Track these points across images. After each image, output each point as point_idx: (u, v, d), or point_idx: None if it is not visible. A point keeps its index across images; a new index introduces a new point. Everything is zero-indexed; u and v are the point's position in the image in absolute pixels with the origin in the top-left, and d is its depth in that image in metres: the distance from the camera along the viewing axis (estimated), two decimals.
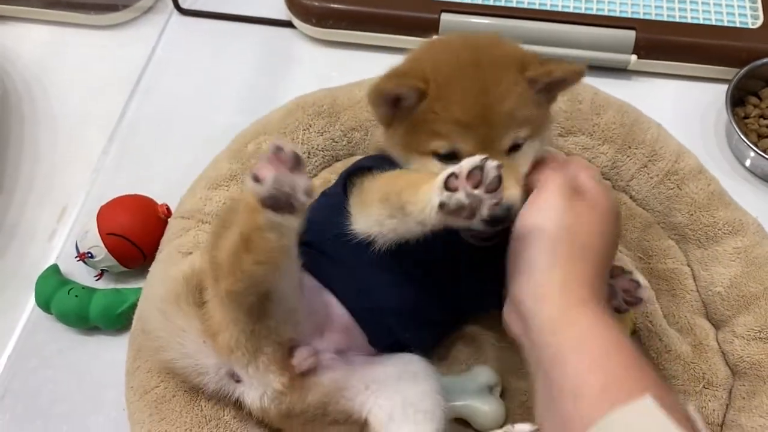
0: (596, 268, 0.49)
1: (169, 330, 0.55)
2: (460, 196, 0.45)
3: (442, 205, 0.45)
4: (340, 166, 0.73)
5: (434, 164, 0.52)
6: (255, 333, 0.52)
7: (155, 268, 0.66)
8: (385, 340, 0.57)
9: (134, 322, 0.64)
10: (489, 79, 0.51)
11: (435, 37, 0.55)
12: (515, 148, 0.52)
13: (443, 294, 0.57)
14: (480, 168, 0.44)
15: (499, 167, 0.44)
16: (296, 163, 0.43)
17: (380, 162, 0.56)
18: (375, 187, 0.53)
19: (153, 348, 0.57)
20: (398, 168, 0.55)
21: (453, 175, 0.45)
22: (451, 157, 0.51)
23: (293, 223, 0.45)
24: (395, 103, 0.53)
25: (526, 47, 0.56)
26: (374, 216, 0.51)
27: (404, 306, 0.56)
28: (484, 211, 0.45)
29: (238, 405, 0.56)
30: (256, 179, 0.43)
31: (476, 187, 0.44)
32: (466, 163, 0.45)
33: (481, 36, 0.56)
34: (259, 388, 0.54)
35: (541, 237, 0.49)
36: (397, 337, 0.57)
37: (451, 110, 0.50)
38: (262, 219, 0.44)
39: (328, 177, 0.72)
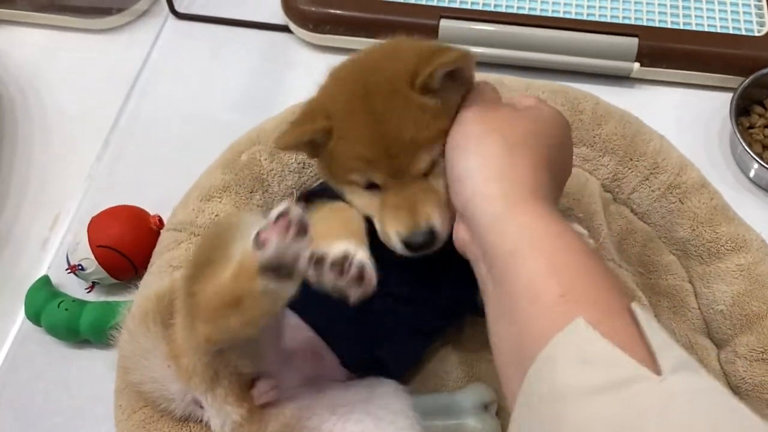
0: (536, 168, 0.47)
1: (135, 351, 0.55)
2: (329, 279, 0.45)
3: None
4: None
5: (360, 192, 0.52)
6: (213, 363, 0.51)
7: (146, 281, 0.65)
8: (358, 359, 0.55)
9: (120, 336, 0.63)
10: (380, 109, 0.49)
11: (342, 60, 0.54)
12: (433, 165, 0.51)
13: (417, 301, 0.56)
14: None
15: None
16: (302, 229, 0.42)
17: (328, 191, 0.56)
18: (314, 221, 0.50)
19: (122, 368, 0.57)
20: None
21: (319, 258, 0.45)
22: (372, 185, 0.52)
23: (290, 291, 0.44)
24: (310, 144, 0.52)
25: (505, 53, 0.58)
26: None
27: (375, 317, 0.54)
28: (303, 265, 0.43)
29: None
30: (260, 244, 0.41)
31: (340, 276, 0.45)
32: (331, 251, 0.45)
33: (374, 53, 0.54)
34: (218, 418, 0.53)
35: (468, 141, 0.48)
36: (371, 354, 0.55)
37: (354, 147, 0.50)
38: (259, 286, 0.43)
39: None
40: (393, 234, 0.50)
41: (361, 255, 0.46)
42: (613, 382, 0.35)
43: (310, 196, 0.56)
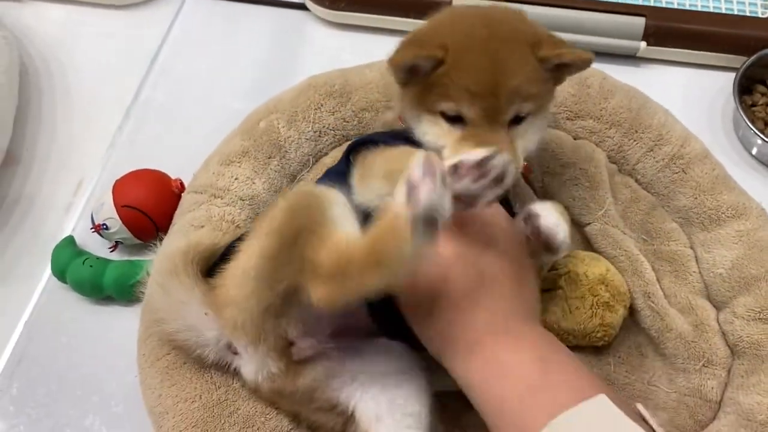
0: (504, 299, 0.50)
1: (169, 303, 0.57)
2: (465, 184, 0.46)
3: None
4: None
5: (441, 123, 0.55)
6: (262, 323, 0.53)
7: (167, 241, 0.68)
8: (383, 312, 0.56)
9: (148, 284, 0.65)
10: (501, 53, 0.53)
11: (455, 4, 0.57)
12: (517, 120, 0.54)
13: None
14: (485, 161, 0.46)
15: (508, 161, 0.46)
16: (444, 177, 0.43)
17: (385, 137, 0.58)
18: (379, 162, 0.55)
19: (155, 320, 0.59)
20: (401, 145, 0.57)
21: (456, 165, 0.46)
22: (457, 119, 0.54)
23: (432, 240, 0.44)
24: (414, 69, 0.55)
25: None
26: (375, 191, 0.53)
27: None
28: (489, 196, 0.46)
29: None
30: (412, 195, 0.42)
31: (480, 178, 0.46)
32: (471, 156, 0.46)
33: (499, 10, 0.59)
34: (254, 366, 0.55)
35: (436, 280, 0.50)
36: (394, 307, 0.57)
37: (463, 79, 0.53)
38: (411, 239, 0.43)
39: (338, 156, 0.73)
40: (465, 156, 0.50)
41: (501, 156, 0.46)
42: None
43: (364, 144, 0.58)
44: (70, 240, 0.72)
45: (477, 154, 0.46)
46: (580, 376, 0.46)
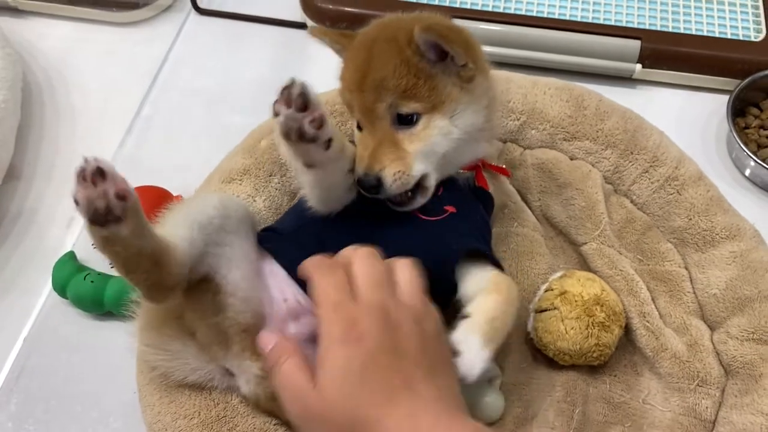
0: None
1: (167, 358, 0.57)
2: (281, 119, 0.49)
3: (281, 132, 0.49)
4: None
5: (355, 130, 0.60)
6: (219, 325, 0.54)
7: None
8: None
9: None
10: (375, 51, 0.56)
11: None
12: (405, 121, 0.56)
13: None
14: (287, 88, 0.48)
15: (302, 86, 0.48)
16: (97, 176, 0.45)
17: None
18: None
19: (160, 375, 0.59)
20: None
21: (275, 101, 0.49)
22: (359, 127, 0.59)
23: (125, 231, 0.46)
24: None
25: (513, 53, 0.72)
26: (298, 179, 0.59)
27: None
28: (308, 129, 0.48)
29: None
30: (75, 202, 0.46)
31: (288, 106, 0.48)
32: (279, 87, 0.49)
33: (415, 15, 0.60)
34: (243, 375, 0.56)
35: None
36: None
37: (346, 74, 0.58)
38: (95, 235, 0.47)
39: None
40: (356, 168, 0.57)
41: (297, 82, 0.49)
42: None
43: None
44: (71, 255, 0.73)
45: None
46: None
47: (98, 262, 0.74)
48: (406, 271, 0.52)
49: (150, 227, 0.49)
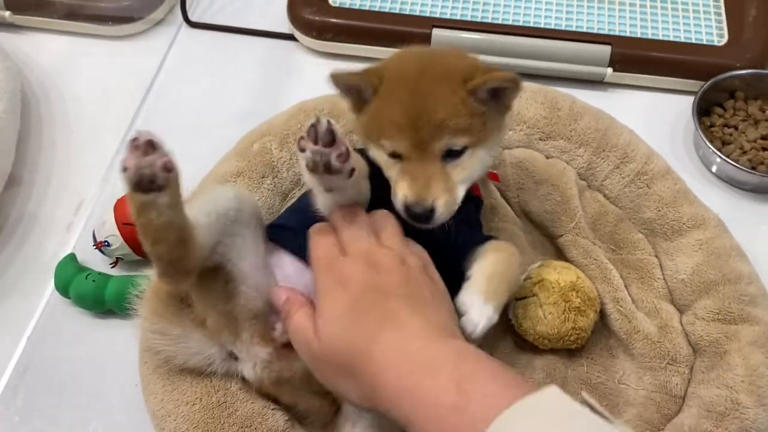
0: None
1: (169, 343, 0.60)
2: (308, 154, 0.51)
3: (307, 166, 0.51)
4: None
5: (385, 156, 0.60)
6: (230, 312, 0.58)
7: None
8: None
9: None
10: (427, 88, 0.57)
11: (406, 47, 0.65)
12: (453, 155, 0.58)
13: None
14: (314, 126, 0.50)
15: (329, 123, 0.50)
16: (149, 147, 0.48)
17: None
18: None
19: (163, 360, 0.62)
20: None
21: (301, 138, 0.51)
22: (396, 156, 0.59)
23: (164, 199, 0.49)
24: (357, 93, 0.60)
25: (491, 59, 0.67)
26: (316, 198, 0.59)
27: None
28: (335, 163, 0.50)
29: (243, 378, 0.62)
30: (124, 169, 0.48)
31: (315, 143, 0.50)
32: (306, 125, 0.51)
33: (440, 49, 0.64)
34: (250, 360, 0.59)
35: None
36: None
37: (391, 112, 0.57)
38: (135, 202, 0.49)
39: None
40: (401, 196, 0.57)
41: (324, 119, 0.50)
42: None
43: None
44: (72, 257, 0.76)
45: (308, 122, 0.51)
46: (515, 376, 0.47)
47: (98, 262, 0.77)
48: (384, 220, 0.57)
49: (183, 205, 0.53)
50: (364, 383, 0.50)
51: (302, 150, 0.51)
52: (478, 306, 0.55)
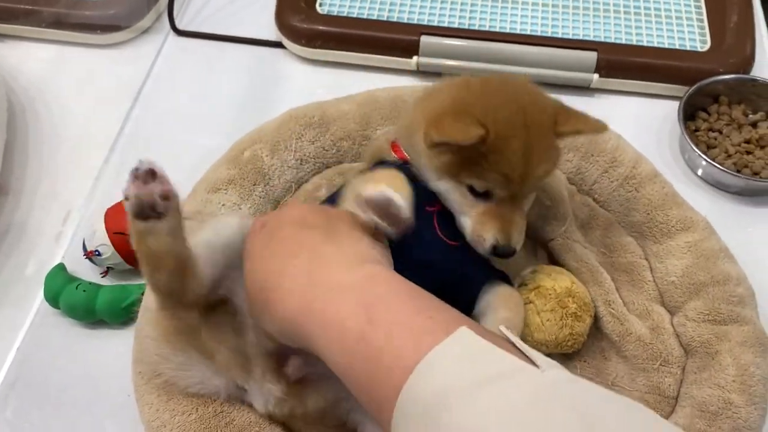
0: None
1: (173, 368, 0.60)
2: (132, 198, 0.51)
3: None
4: (331, 173, 0.79)
5: (466, 194, 0.61)
6: (241, 348, 0.57)
7: None
8: None
9: (139, 315, 0.68)
10: (534, 142, 0.59)
11: (469, 77, 0.65)
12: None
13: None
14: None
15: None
16: (149, 176, 0.50)
17: None
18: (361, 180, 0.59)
19: (165, 382, 0.61)
20: None
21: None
22: (484, 194, 0.60)
23: (163, 226, 0.51)
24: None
25: (479, 66, 0.74)
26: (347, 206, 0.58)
27: None
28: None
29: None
30: (126, 198, 0.50)
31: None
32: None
33: (521, 85, 0.63)
34: (261, 397, 0.58)
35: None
36: None
37: (500, 164, 0.58)
38: (136, 229, 0.51)
39: (319, 182, 0.79)
40: (489, 237, 0.60)
41: (397, 196, 0.52)
42: (499, 375, 0.37)
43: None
44: (61, 267, 0.75)
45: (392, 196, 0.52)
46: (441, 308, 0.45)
47: (87, 272, 0.76)
48: None
49: (184, 234, 0.53)
50: (277, 313, 0.49)
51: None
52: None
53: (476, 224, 0.61)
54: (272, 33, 0.98)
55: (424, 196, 0.61)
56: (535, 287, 0.68)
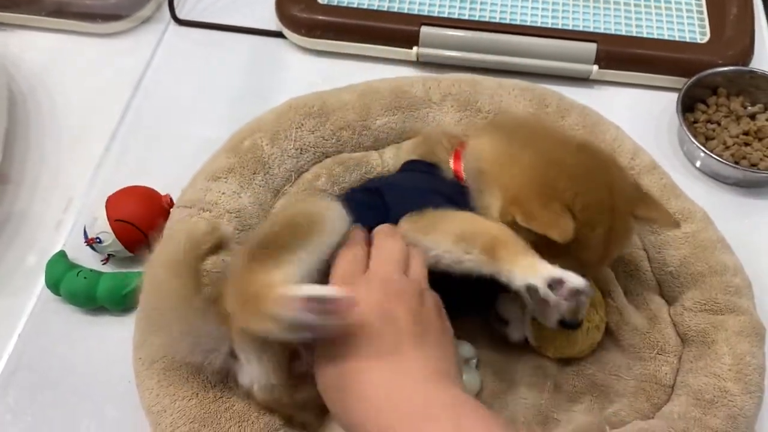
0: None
1: (185, 330, 0.58)
2: (553, 300, 0.51)
3: (532, 290, 0.51)
4: (330, 162, 0.79)
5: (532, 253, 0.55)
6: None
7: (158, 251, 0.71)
8: None
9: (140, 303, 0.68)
10: (616, 227, 0.58)
11: (548, 138, 0.63)
12: None
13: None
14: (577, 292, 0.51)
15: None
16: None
17: (433, 197, 0.61)
18: (451, 220, 0.58)
19: (170, 346, 0.61)
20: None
21: (557, 281, 0.51)
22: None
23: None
24: None
25: (479, 57, 0.74)
26: (442, 246, 0.56)
27: None
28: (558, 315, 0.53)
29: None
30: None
31: (566, 300, 0.51)
32: (571, 284, 0.51)
33: (608, 162, 0.62)
34: (254, 374, 0.58)
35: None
36: None
37: (580, 251, 0.56)
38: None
39: (319, 172, 0.78)
40: (558, 314, 0.56)
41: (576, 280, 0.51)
42: None
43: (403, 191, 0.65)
44: (62, 254, 0.75)
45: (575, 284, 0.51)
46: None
47: (88, 260, 0.77)
48: (418, 259, 0.56)
49: None
50: (349, 423, 0.48)
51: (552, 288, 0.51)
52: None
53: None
54: (272, 23, 0.98)
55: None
56: None
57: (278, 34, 0.98)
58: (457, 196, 0.61)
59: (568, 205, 0.55)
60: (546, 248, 0.54)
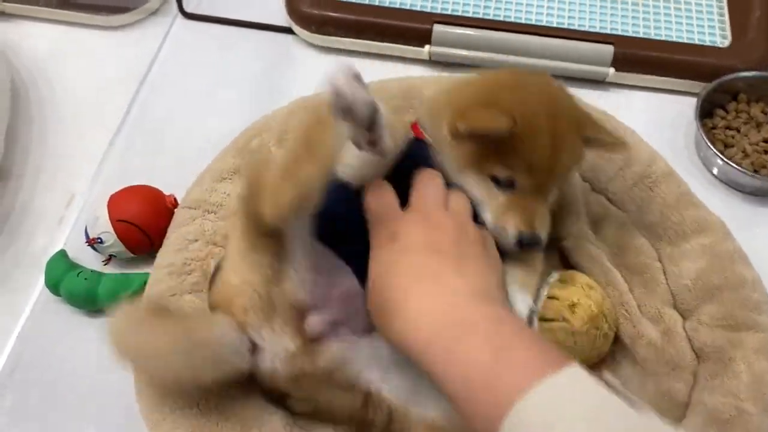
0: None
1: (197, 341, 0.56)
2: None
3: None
4: None
5: (489, 185, 0.60)
6: (270, 295, 0.56)
7: (162, 253, 0.70)
8: None
9: None
10: (560, 135, 0.59)
11: (488, 72, 0.66)
12: None
13: None
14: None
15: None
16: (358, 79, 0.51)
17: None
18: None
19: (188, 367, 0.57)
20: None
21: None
22: (507, 184, 0.60)
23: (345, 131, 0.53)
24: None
25: (492, 57, 0.74)
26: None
27: None
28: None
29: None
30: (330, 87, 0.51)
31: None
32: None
33: (546, 82, 0.64)
34: (271, 351, 0.57)
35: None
36: None
37: (528, 153, 0.58)
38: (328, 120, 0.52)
39: None
40: (512, 228, 0.59)
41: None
42: (601, 410, 0.40)
43: None
44: (63, 253, 0.74)
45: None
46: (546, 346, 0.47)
47: (89, 260, 0.75)
48: (458, 198, 0.59)
49: None
50: (397, 338, 0.50)
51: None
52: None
53: (498, 215, 0.60)
54: (282, 18, 0.96)
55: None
56: (571, 304, 0.64)
57: (288, 30, 0.96)
58: (418, 150, 0.63)
59: (507, 110, 0.57)
60: (494, 156, 0.58)
